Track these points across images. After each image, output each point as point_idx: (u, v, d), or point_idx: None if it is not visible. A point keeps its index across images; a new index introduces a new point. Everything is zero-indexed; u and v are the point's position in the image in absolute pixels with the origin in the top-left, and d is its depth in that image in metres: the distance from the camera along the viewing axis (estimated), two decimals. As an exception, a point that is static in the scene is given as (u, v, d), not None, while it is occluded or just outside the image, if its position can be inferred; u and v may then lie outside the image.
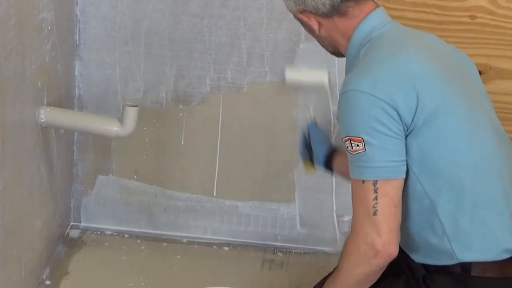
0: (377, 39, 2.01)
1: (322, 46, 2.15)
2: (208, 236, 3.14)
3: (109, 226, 3.13)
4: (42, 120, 2.57)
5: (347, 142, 1.89)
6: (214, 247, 3.10)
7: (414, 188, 1.92)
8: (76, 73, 2.94)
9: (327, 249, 3.06)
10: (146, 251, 3.04)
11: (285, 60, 2.88)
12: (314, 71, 2.53)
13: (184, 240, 3.12)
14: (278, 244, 3.11)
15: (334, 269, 2.06)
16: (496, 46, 2.84)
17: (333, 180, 3.02)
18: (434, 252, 1.95)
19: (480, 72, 2.86)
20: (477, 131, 1.95)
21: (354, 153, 1.89)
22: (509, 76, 2.87)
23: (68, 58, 2.86)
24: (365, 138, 1.87)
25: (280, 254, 3.08)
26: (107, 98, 2.97)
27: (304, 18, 2.08)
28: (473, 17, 2.82)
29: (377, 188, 1.87)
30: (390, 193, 1.88)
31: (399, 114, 1.87)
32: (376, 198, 1.87)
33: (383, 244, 1.86)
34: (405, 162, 1.89)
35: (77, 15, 2.88)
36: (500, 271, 1.94)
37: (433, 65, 1.96)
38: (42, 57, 2.54)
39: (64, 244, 3.01)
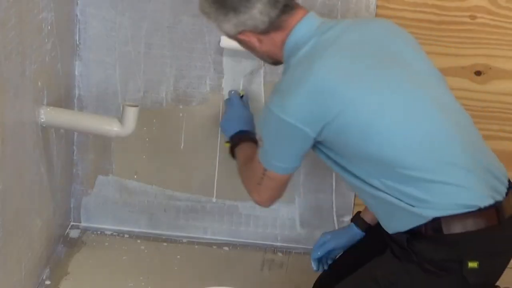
0: (298, 55, 2.16)
1: (262, 60, 2.36)
2: (208, 236, 3.14)
3: (109, 226, 3.13)
4: (42, 120, 2.57)
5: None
6: (214, 247, 3.10)
7: (364, 174, 2.14)
8: (76, 73, 2.94)
9: (327, 249, 3.06)
10: (146, 251, 3.04)
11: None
12: None
13: (184, 240, 3.11)
14: (278, 244, 3.11)
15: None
16: (496, 46, 2.84)
17: (333, 180, 3.03)
18: (405, 216, 2.12)
19: (480, 72, 2.88)
20: (412, 111, 2.11)
21: (261, 144, 2.24)
22: (509, 76, 2.87)
23: (68, 58, 2.86)
24: (264, 140, 2.20)
25: (280, 254, 3.08)
26: (107, 98, 2.97)
27: (245, 38, 2.23)
28: (473, 17, 2.81)
29: (265, 173, 2.24)
30: (274, 179, 2.24)
31: (305, 132, 2.11)
32: (262, 178, 2.25)
33: (259, 201, 2.34)
34: (294, 167, 2.22)
35: (77, 15, 2.88)
36: (472, 224, 2.09)
37: (346, 68, 2.10)
38: (42, 57, 2.54)
39: (64, 244, 3.01)
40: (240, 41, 2.27)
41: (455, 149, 2.12)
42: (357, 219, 2.53)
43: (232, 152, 2.53)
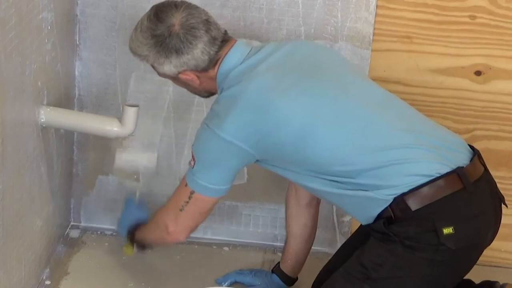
0: (230, 78, 2.26)
1: (196, 94, 2.44)
2: (208, 236, 3.14)
3: (109, 226, 3.13)
4: (42, 120, 2.57)
5: (191, 154, 2.29)
6: (214, 247, 3.10)
7: (317, 180, 2.24)
8: (76, 73, 2.94)
9: (327, 249, 3.06)
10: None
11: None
12: (143, 153, 2.87)
13: (184, 240, 3.11)
14: (278, 244, 3.11)
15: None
16: (496, 46, 2.84)
17: (333, 180, 3.03)
18: (369, 206, 2.22)
19: (480, 72, 2.88)
20: (339, 111, 2.21)
21: (190, 165, 2.29)
22: (509, 76, 2.87)
23: (68, 58, 2.86)
24: (197, 159, 2.26)
25: (280, 254, 3.07)
26: (107, 98, 2.97)
27: (186, 77, 2.31)
28: (473, 17, 2.81)
29: (192, 196, 2.30)
30: (199, 204, 2.31)
31: (242, 149, 2.20)
32: (187, 202, 2.31)
33: (174, 231, 2.38)
34: (225, 188, 2.29)
35: (77, 15, 2.88)
36: (435, 193, 2.16)
37: (277, 85, 2.20)
38: (42, 57, 2.54)
39: (64, 244, 3.01)
40: (178, 80, 2.35)
41: (392, 135, 2.21)
42: (278, 270, 2.72)
43: (138, 244, 2.62)
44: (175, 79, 2.36)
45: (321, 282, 2.48)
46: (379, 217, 2.22)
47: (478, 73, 2.87)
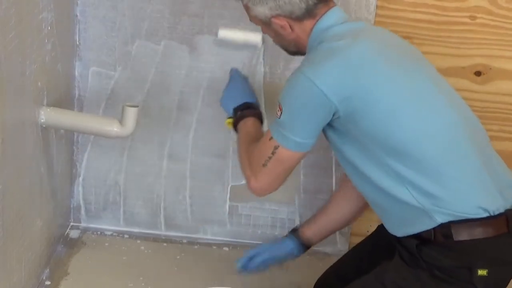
0: (331, 33, 2.16)
1: (284, 47, 2.33)
2: (208, 237, 3.14)
3: (109, 227, 3.13)
4: (42, 121, 2.57)
5: (278, 105, 2.16)
6: (214, 247, 3.10)
7: (375, 161, 2.11)
8: (76, 73, 2.94)
9: (327, 249, 3.06)
10: (146, 251, 3.04)
11: (285, 60, 2.88)
12: (248, 32, 2.70)
13: (184, 241, 3.12)
14: (278, 244, 3.11)
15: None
16: (496, 47, 2.84)
17: (333, 181, 3.03)
18: (412, 218, 2.12)
19: (480, 73, 2.88)
20: (429, 106, 2.12)
21: (276, 116, 2.15)
22: (509, 76, 2.87)
23: (68, 58, 2.86)
24: (284, 110, 2.12)
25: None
26: (107, 98, 2.97)
27: (279, 22, 2.21)
28: (473, 17, 2.81)
29: (276, 151, 2.16)
30: (284, 159, 2.17)
31: (330, 103, 2.07)
32: (270, 157, 2.18)
33: (255, 187, 2.24)
34: (310, 143, 2.15)
35: (77, 15, 2.88)
36: (482, 231, 2.08)
37: (380, 54, 2.12)
38: (42, 57, 2.54)
39: (64, 245, 3.01)
40: (270, 25, 2.25)
41: (470, 147, 2.13)
42: (295, 233, 2.55)
43: (235, 127, 2.46)
44: (266, 24, 2.25)
45: (328, 285, 2.45)
46: (415, 234, 2.14)
47: (478, 73, 2.87)
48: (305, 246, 2.54)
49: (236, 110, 2.46)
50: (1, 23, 2.14)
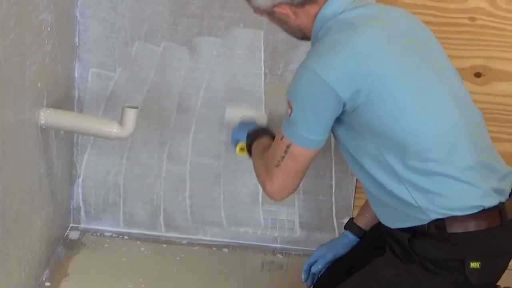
0: (337, 22, 2.12)
1: (291, 34, 2.29)
2: (208, 238, 3.14)
3: (108, 228, 3.13)
4: (42, 122, 2.57)
5: (287, 103, 2.12)
6: (214, 248, 3.10)
7: (375, 156, 2.10)
8: (76, 74, 2.94)
9: (327, 250, 3.06)
10: (145, 252, 3.04)
11: (285, 62, 2.88)
12: (253, 110, 2.67)
13: (184, 242, 3.12)
14: (278, 246, 3.11)
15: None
16: (496, 48, 2.84)
17: (333, 182, 3.03)
18: (407, 214, 2.11)
19: (479, 74, 2.88)
20: (431, 103, 2.09)
21: (286, 114, 2.11)
22: (509, 78, 2.87)
23: (68, 59, 2.86)
24: (294, 107, 2.08)
25: (279, 256, 3.08)
26: (107, 100, 2.97)
27: (281, 11, 2.18)
28: (472, 19, 2.82)
29: (288, 149, 2.12)
30: (297, 158, 2.13)
31: (338, 97, 2.04)
32: (283, 157, 2.14)
33: (271, 191, 2.20)
34: (322, 139, 2.11)
35: (77, 16, 2.88)
36: (475, 224, 2.09)
37: (386, 44, 2.08)
38: (42, 59, 2.54)
39: (64, 246, 3.01)
40: (273, 14, 2.22)
41: (468, 145, 2.12)
42: (351, 225, 2.51)
43: (250, 151, 2.41)
44: (271, 14, 2.22)
45: (325, 285, 2.46)
46: (409, 227, 2.13)
47: (477, 74, 2.87)
48: (359, 235, 2.51)
49: (249, 134, 2.42)
50: (1, 24, 2.14)
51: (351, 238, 2.50)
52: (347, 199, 3.05)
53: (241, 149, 2.42)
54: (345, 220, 3.01)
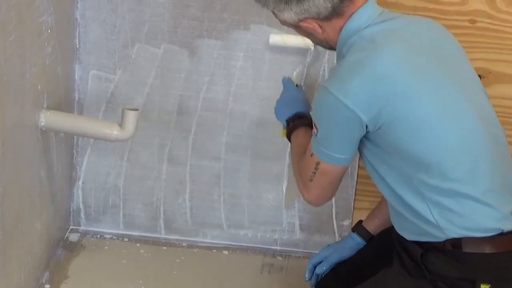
0: (360, 38, 2.12)
1: (318, 44, 2.29)
2: (208, 240, 3.13)
3: (108, 230, 3.13)
4: (42, 124, 2.57)
5: (313, 123, 2.16)
6: (214, 251, 3.10)
7: (399, 173, 2.10)
8: (76, 76, 2.94)
9: (327, 253, 3.06)
10: (145, 255, 3.04)
11: (285, 63, 2.88)
12: (299, 37, 2.61)
13: (184, 244, 3.11)
14: (278, 248, 3.11)
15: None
16: (496, 50, 2.84)
17: (333, 184, 3.02)
18: (425, 230, 2.09)
19: (479, 76, 2.87)
20: (454, 122, 2.08)
21: (314, 133, 2.15)
22: (509, 80, 2.87)
23: (68, 61, 2.86)
24: (319, 128, 2.12)
25: (279, 258, 3.08)
26: (107, 102, 2.97)
27: (307, 25, 2.18)
28: (472, 21, 2.82)
29: (318, 166, 2.17)
30: (327, 173, 2.17)
31: (360, 120, 2.05)
32: (314, 173, 2.18)
33: (309, 200, 2.26)
34: (350, 157, 2.14)
35: (77, 18, 2.88)
36: (491, 246, 2.07)
37: (405, 63, 2.07)
38: (42, 61, 2.54)
39: (64, 248, 3.01)
40: (300, 28, 2.22)
41: (490, 165, 2.10)
42: (359, 228, 2.51)
43: (289, 138, 2.43)
44: (297, 27, 2.22)
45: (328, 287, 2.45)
46: (424, 242, 2.12)
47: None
48: (366, 239, 2.52)
49: (288, 121, 2.44)
50: (1, 26, 2.14)
51: (358, 242, 2.49)
52: (347, 202, 3.05)
53: (284, 133, 2.47)
54: (345, 223, 3.04)
